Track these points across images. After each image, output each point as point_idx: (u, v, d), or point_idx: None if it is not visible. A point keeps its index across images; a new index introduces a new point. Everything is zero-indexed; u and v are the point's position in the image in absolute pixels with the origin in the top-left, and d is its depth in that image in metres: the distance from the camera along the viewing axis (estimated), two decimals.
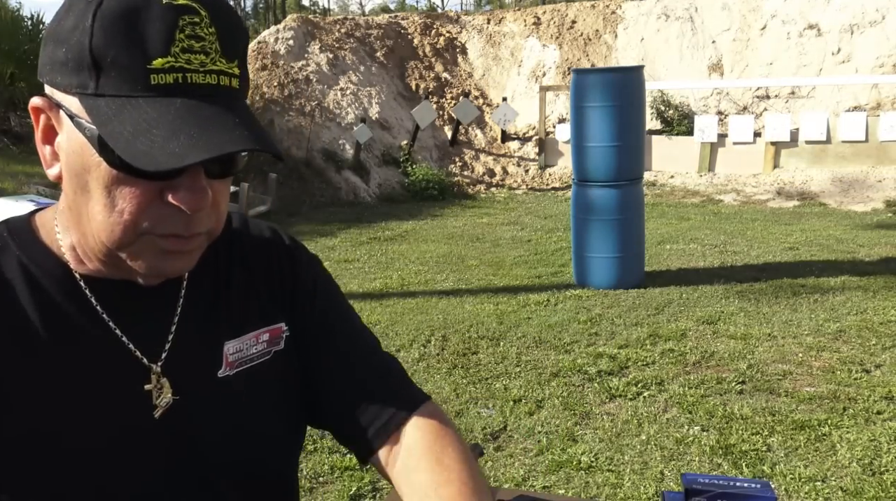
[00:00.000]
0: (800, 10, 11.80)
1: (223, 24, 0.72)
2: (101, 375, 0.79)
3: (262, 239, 0.96)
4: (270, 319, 0.91)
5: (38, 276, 0.79)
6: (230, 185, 0.80)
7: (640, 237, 6.11)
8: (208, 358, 0.86)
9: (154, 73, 0.68)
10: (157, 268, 0.77)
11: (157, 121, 0.68)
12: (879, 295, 5.49)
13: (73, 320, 0.79)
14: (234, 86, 0.73)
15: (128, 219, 0.73)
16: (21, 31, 11.54)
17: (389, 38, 13.29)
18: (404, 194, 11.02)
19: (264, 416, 0.89)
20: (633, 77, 5.91)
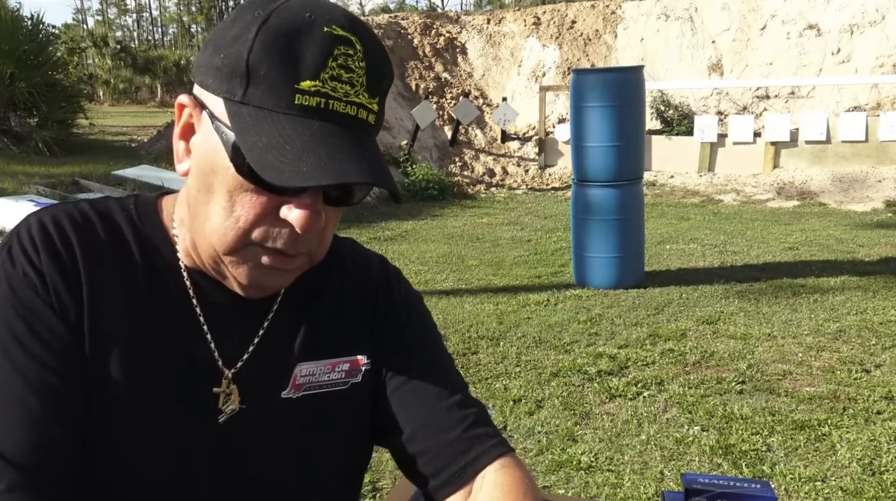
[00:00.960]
0: (800, 10, 11.81)
1: (373, 62, 0.75)
2: (180, 366, 0.82)
3: (365, 268, 0.97)
4: (353, 350, 0.91)
5: (151, 253, 0.83)
6: (341, 212, 0.83)
7: (640, 237, 6.11)
8: (277, 376, 0.87)
9: (300, 94, 0.71)
10: (256, 281, 0.80)
11: (292, 139, 0.71)
12: (879, 295, 5.49)
13: (171, 305, 0.83)
14: (370, 120, 0.76)
15: (242, 225, 0.76)
16: (21, 31, 11.54)
17: (389, 38, 13.29)
18: (404, 194, 11.02)
19: (323, 443, 0.89)
20: (633, 77, 5.91)
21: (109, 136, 14.55)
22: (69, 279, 0.78)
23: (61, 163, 9.90)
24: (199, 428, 0.82)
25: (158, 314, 0.82)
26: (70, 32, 39.05)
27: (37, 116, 11.51)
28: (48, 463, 0.75)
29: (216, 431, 0.83)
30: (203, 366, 0.83)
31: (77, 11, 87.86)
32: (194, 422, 0.82)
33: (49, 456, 0.75)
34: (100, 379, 0.78)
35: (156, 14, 74.05)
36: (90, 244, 0.80)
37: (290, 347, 0.88)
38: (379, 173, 0.73)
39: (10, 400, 0.75)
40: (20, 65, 11.19)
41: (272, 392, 0.86)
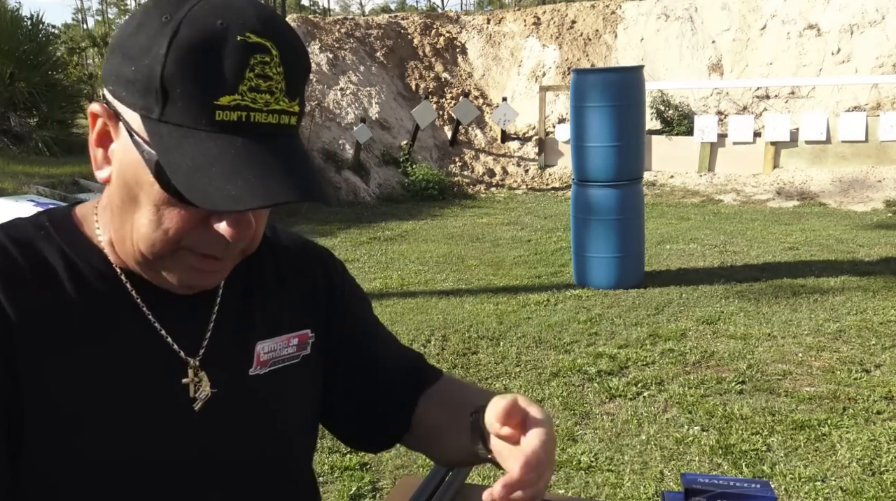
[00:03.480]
0: (800, 10, 11.80)
1: (291, 64, 0.73)
2: (141, 367, 0.81)
3: (295, 247, 1.01)
4: (300, 325, 0.95)
5: (80, 266, 0.81)
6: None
7: (640, 237, 6.11)
8: (241, 356, 0.89)
9: (219, 110, 0.70)
10: (189, 282, 0.80)
11: (217, 159, 0.70)
12: (879, 295, 5.49)
13: (114, 311, 0.81)
14: (292, 123, 0.75)
15: (172, 236, 0.76)
16: (21, 30, 11.53)
17: (389, 38, 13.29)
18: (404, 194, 11.02)
19: (291, 414, 0.93)
20: (633, 77, 5.91)
21: None
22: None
23: (61, 163, 9.90)
24: (178, 422, 0.82)
25: (106, 326, 0.80)
26: (70, 32, 39.01)
27: (37, 116, 11.51)
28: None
29: (195, 420, 0.83)
30: (166, 362, 0.83)
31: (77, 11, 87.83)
32: (172, 418, 0.82)
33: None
34: (58, 414, 0.75)
35: None
36: (12, 281, 0.76)
37: (246, 327, 0.90)
38: (307, 186, 0.73)
39: None
40: (20, 64, 11.18)
41: (240, 372, 0.88)
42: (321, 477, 3.15)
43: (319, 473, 3.17)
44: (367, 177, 11.08)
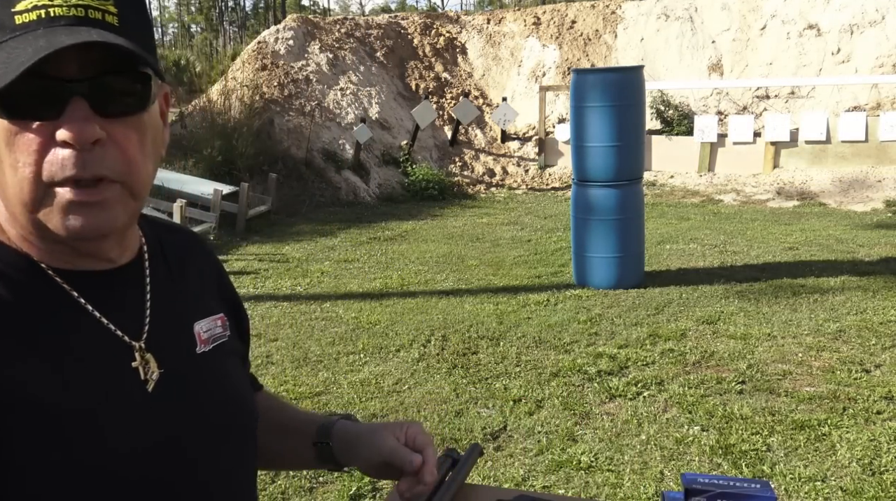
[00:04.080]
0: (800, 10, 11.81)
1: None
2: (92, 356, 0.80)
3: (193, 236, 1.05)
4: (217, 309, 0.97)
5: (7, 272, 0.78)
6: (141, 133, 0.78)
7: (640, 237, 6.11)
8: (184, 337, 0.90)
9: (18, 14, 0.71)
10: (72, 225, 0.76)
11: (21, 53, 0.70)
12: (879, 295, 5.49)
13: (53, 309, 0.79)
14: (108, 20, 0.73)
15: (28, 170, 0.73)
16: None
17: (389, 38, 13.29)
18: (404, 194, 11.02)
19: (237, 385, 0.97)
20: (633, 77, 5.91)
21: None
22: None
23: None
24: (136, 405, 0.82)
25: (46, 325, 0.78)
26: None
27: None
28: None
29: (151, 401, 0.83)
30: (111, 349, 0.82)
31: None
32: (129, 401, 0.81)
33: None
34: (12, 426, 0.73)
35: (156, 14, 74.09)
36: None
37: (180, 309, 0.92)
38: (107, 37, 0.71)
39: None
40: None
41: (188, 351, 0.90)
42: (321, 477, 3.15)
43: (319, 473, 3.17)
44: (367, 177, 11.08)
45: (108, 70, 0.74)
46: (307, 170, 10.65)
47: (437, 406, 3.85)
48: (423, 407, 3.84)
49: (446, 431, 3.56)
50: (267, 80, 11.53)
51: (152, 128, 0.80)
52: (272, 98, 11.36)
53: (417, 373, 4.30)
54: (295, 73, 11.78)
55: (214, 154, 9.61)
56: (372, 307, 5.61)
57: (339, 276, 6.65)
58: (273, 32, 12.46)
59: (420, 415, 3.74)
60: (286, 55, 11.94)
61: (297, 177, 10.49)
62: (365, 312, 5.48)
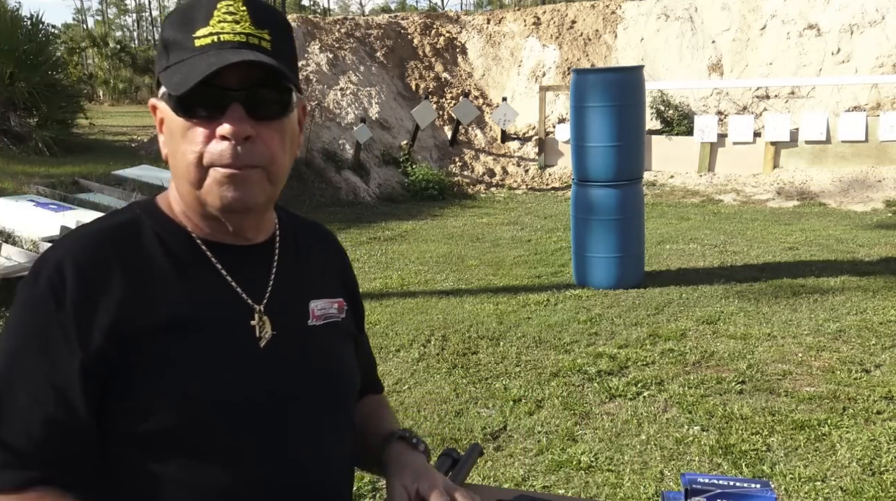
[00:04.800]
0: (800, 10, 11.80)
1: (253, 5, 0.98)
2: (223, 312, 1.02)
3: (318, 228, 1.25)
4: (337, 293, 1.17)
5: (168, 239, 1.03)
6: (282, 134, 1.00)
7: (640, 237, 6.11)
8: (299, 310, 1.10)
9: (197, 39, 0.95)
10: (222, 196, 0.98)
11: (196, 67, 0.93)
12: (879, 295, 5.49)
13: (197, 270, 1.03)
14: (264, 45, 0.97)
15: (192, 156, 0.96)
16: (21, 30, 11.53)
17: (389, 38, 13.29)
18: (404, 194, 11.02)
19: (339, 360, 1.15)
20: (633, 77, 5.91)
21: (109, 136, 14.54)
22: (91, 300, 0.96)
23: (61, 163, 9.90)
24: (247, 357, 1.02)
25: (191, 281, 1.01)
26: (70, 32, 38.95)
27: (37, 116, 11.49)
28: (53, 452, 0.94)
29: (260, 355, 1.03)
30: (236, 308, 1.03)
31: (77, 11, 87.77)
32: (242, 352, 1.02)
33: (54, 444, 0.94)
34: (156, 359, 0.96)
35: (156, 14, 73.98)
36: (124, 253, 1.00)
37: (300, 286, 1.11)
38: (261, 57, 0.94)
39: (25, 395, 0.94)
40: (20, 64, 11.17)
41: (299, 322, 1.09)
42: None
43: None
44: (367, 177, 11.08)
45: (260, 83, 0.96)
46: (307, 169, 10.65)
47: (437, 406, 3.85)
48: (423, 407, 3.84)
49: (446, 431, 3.56)
50: None
51: (291, 130, 1.03)
52: None
53: (417, 373, 4.30)
54: None
55: None
56: (372, 307, 5.61)
57: None
58: None
59: (420, 415, 3.74)
60: None
61: (297, 177, 10.48)
62: (365, 312, 5.48)
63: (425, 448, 1.19)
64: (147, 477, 0.97)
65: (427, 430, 3.56)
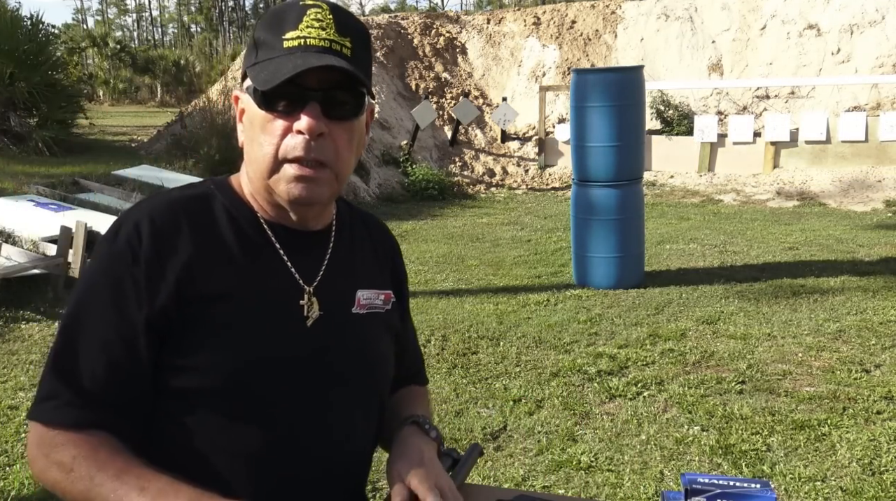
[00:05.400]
0: (800, 10, 11.80)
1: (339, 14, 1.07)
2: (273, 287, 1.10)
3: (379, 224, 1.33)
4: (386, 285, 1.25)
5: (236, 216, 1.12)
6: (351, 134, 1.08)
7: (640, 237, 6.11)
8: (346, 297, 1.18)
9: (286, 41, 1.04)
10: (290, 192, 1.06)
11: (282, 64, 1.02)
12: (879, 295, 5.49)
13: (258, 248, 1.11)
14: (344, 52, 1.05)
15: (270, 148, 1.05)
16: (21, 30, 11.52)
17: (389, 38, 13.29)
18: (404, 194, 11.02)
19: (377, 347, 1.22)
20: (633, 77, 5.91)
21: (109, 136, 14.53)
22: (162, 259, 1.04)
23: (61, 163, 9.90)
24: (292, 331, 1.10)
25: (251, 258, 1.10)
26: (70, 32, 38.92)
27: (37, 116, 11.48)
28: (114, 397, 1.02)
29: (306, 332, 1.11)
30: (289, 286, 1.12)
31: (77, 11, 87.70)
32: (288, 327, 1.10)
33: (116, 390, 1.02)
34: (213, 322, 1.05)
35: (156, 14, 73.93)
36: (195, 224, 1.09)
37: (350, 274, 1.19)
38: (341, 63, 1.02)
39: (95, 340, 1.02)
40: (20, 64, 11.16)
41: (344, 308, 1.17)
42: None
43: None
44: (367, 177, 11.08)
45: (337, 86, 1.05)
46: None
47: (436, 406, 3.85)
48: None
49: (446, 431, 3.56)
50: None
51: (359, 132, 1.11)
52: None
53: None
54: None
55: (213, 153, 9.60)
56: None
57: None
58: None
59: None
60: None
61: None
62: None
63: (437, 436, 1.22)
64: (185, 433, 1.05)
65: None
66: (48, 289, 5.77)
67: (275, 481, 1.07)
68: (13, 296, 5.57)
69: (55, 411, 1.00)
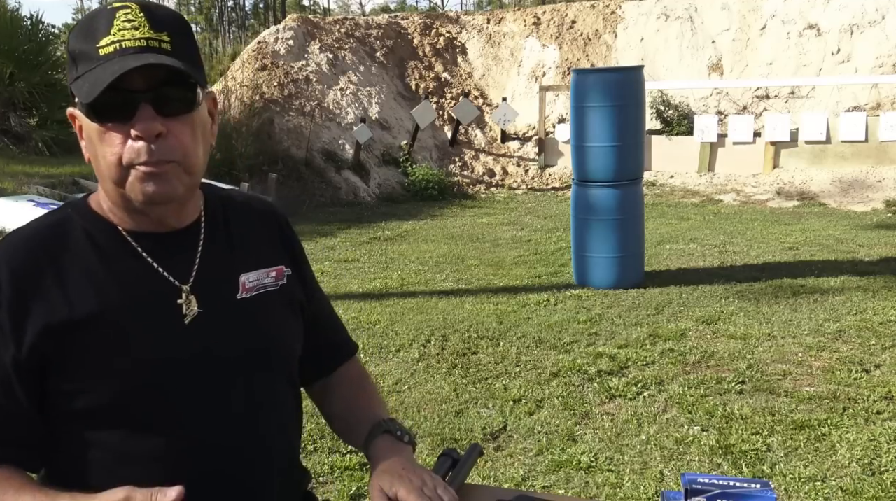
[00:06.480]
0: (800, 10, 11.80)
1: (150, 10, 1.04)
2: (148, 295, 1.11)
3: (251, 199, 1.34)
4: (275, 261, 1.24)
5: (95, 234, 1.11)
6: (192, 127, 1.08)
7: (640, 237, 6.11)
8: (227, 285, 1.17)
9: (101, 48, 1.02)
10: (144, 192, 1.05)
11: (102, 74, 1.00)
12: (879, 295, 5.49)
13: (121, 260, 1.11)
14: (164, 47, 1.03)
15: (112, 158, 1.04)
16: (21, 30, 11.52)
17: (389, 38, 13.28)
18: (404, 194, 11.01)
19: (275, 325, 1.22)
20: (633, 77, 5.91)
21: None
22: (24, 300, 1.06)
23: (61, 163, 9.89)
24: (171, 333, 1.10)
25: (116, 270, 1.10)
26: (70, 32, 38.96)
27: (37, 116, 11.48)
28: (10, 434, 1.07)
29: (186, 332, 1.11)
30: (163, 289, 1.11)
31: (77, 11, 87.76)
32: (167, 330, 1.10)
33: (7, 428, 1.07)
34: (87, 341, 1.06)
35: None
36: (53, 252, 1.09)
37: (229, 263, 1.18)
38: (162, 59, 1.01)
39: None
40: (20, 65, 11.16)
41: (227, 297, 1.17)
42: (321, 477, 3.15)
43: (319, 473, 3.17)
44: (367, 177, 11.08)
45: (165, 83, 1.03)
46: (307, 170, 10.65)
47: (437, 406, 3.85)
48: (423, 407, 3.84)
49: (446, 431, 3.56)
50: (267, 80, 11.52)
51: (201, 123, 1.10)
52: (272, 98, 11.35)
53: (417, 373, 4.30)
54: (295, 73, 11.77)
55: (214, 153, 9.60)
56: (372, 307, 5.60)
57: (339, 276, 6.65)
58: (273, 32, 12.45)
59: (420, 415, 3.74)
60: (286, 55, 11.93)
61: (296, 177, 10.48)
62: (365, 312, 5.48)
63: (410, 440, 1.23)
64: (92, 449, 1.08)
65: (427, 430, 3.56)
66: None
67: (196, 478, 1.06)
68: None
69: None
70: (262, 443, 1.17)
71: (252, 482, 1.16)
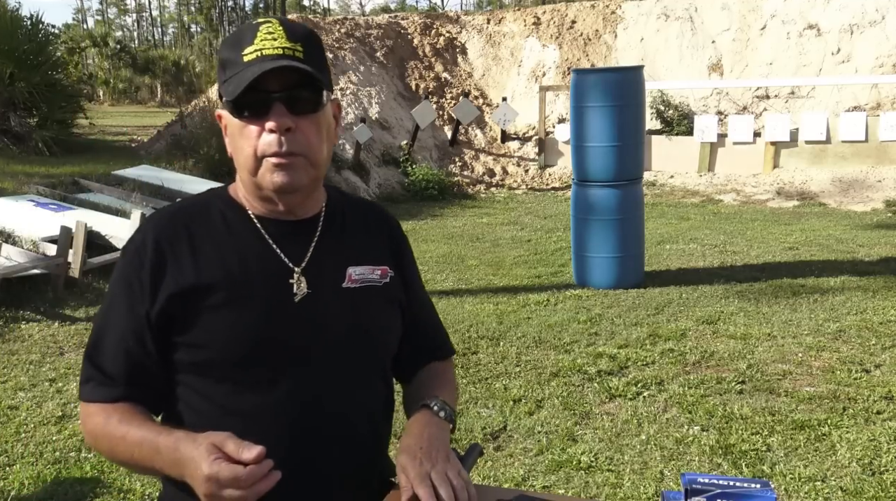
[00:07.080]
0: (800, 10, 11.80)
1: (288, 25, 1.23)
2: (265, 272, 1.27)
3: (368, 204, 1.50)
4: (381, 261, 1.37)
5: (229, 216, 1.30)
6: (318, 126, 1.23)
7: (640, 237, 6.11)
8: (336, 273, 1.31)
9: (245, 55, 1.20)
10: (273, 181, 1.22)
11: (244, 76, 1.17)
12: (879, 295, 5.49)
13: (248, 239, 1.28)
14: (297, 55, 1.20)
15: (249, 150, 1.21)
16: (21, 30, 11.52)
17: (389, 38, 13.28)
18: (404, 194, 11.01)
19: (373, 319, 1.34)
20: (633, 77, 5.91)
21: (109, 136, 14.53)
22: (163, 264, 1.24)
23: (61, 163, 9.90)
24: (282, 307, 1.25)
25: (241, 247, 1.27)
26: (70, 32, 38.91)
27: (37, 116, 11.48)
28: (132, 377, 1.25)
29: (294, 308, 1.26)
30: (278, 269, 1.27)
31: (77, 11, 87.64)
32: (277, 303, 1.25)
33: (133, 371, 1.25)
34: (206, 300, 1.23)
35: (156, 14, 73.90)
36: (197, 226, 1.28)
37: (340, 254, 1.33)
38: (294, 61, 1.18)
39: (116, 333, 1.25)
40: (20, 65, 11.16)
41: (334, 284, 1.31)
42: None
43: None
44: (367, 177, 11.08)
45: (296, 85, 1.19)
46: None
47: None
48: None
49: None
50: None
51: (326, 123, 1.26)
52: None
53: None
54: None
55: (213, 153, 9.60)
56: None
57: None
58: None
59: None
60: None
61: None
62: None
63: (447, 415, 1.31)
64: (201, 400, 1.25)
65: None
66: (48, 289, 5.77)
67: (285, 440, 1.21)
68: (13, 296, 5.57)
69: (92, 391, 1.25)
70: (346, 420, 1.29)
71: (332, 459, 1.27)
